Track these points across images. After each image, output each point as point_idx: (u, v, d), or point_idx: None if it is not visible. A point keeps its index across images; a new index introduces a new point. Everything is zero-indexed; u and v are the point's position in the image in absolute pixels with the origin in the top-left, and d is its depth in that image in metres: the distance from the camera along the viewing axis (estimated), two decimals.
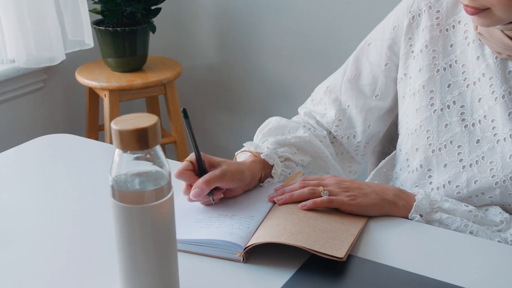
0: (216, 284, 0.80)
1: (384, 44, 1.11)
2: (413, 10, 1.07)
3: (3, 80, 2.07)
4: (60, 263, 0.86)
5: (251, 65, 2.38)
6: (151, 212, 0.68)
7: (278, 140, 1.07)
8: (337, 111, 1.15)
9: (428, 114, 1.04)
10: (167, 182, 0.70)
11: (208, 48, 2.46)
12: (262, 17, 2.28)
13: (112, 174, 0.68)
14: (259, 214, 0.92)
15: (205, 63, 2.48)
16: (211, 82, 2.50)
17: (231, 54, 2.41)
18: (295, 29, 2.23)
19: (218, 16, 2.39)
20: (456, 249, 0.88)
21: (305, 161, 1.09)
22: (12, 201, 1.03)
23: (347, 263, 0.83)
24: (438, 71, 1.04)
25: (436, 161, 1.04)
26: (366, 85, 1.13)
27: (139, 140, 0.65)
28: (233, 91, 2.46)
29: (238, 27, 2.35)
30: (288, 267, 0.82)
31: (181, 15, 2.45)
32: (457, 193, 1.02)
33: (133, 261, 0.70)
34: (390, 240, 0.90)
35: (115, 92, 2.04)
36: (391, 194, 0.97)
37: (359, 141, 1.16)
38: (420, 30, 1.06)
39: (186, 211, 0.94)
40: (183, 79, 2.49)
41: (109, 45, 2.07)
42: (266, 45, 2.31)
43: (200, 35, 2.45)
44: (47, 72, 2.25)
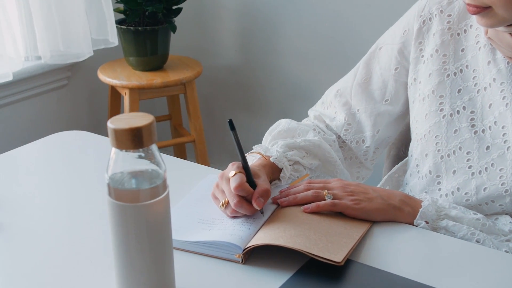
0: (212, 284, 0.80)
1: (394, 48, 1.09)
2: (424, 14, 1.05)
3: (29, 76, 2.11)
4: (61, 258, 0.87)
5: (272, 66, 2.38)
6: (145, 211, 0.68)
7: (287, 143, 1.07)
8: (346, 115, 1.14)
9: (437, 119, 1.02)
10: (163, 181, 0.70)
11: (229, 49, 2.46)
12: (284, 18, 2.27)
13: (108, 173, 0.68)
14: (261, 216, 0.92)
15: (226, 63, 2.49)
16: (231, 82, 2.51)
17: (251, 55, 2.41)
18: (316, 31, 2.22)
19: (240, 16, 2.39)
20: (461, 258, 0.87)
21: (313, 165, 1.08)
22: (20, 195, 1.05)
23: (346, 268, 0.83)
24: (448, 76, 1.02)
25: (445, 167, 1.02)
26: (376, 89, 1.12)
27: (134, 139, 0.65)
28: (253, 91, 2.46)
29: (259, 28, 2.35)
30: (286, 269, 0.82)
31: (203, 15, 2.46)
32: (466, 201, 1.00)
33: (127, 258, 0.70)
34: (393, 246, 0.89)
35: (135, 91, 2.06)
36: (397, 199, 0.95)
37: (367, 146, 1.15)
38: (431, 35, 1.05)
39: (189, 212, 0.94)
40: (204, 79, 2.50)
41: (130, 44, 2.09)
42: (286, 46, 2.31)
43: (221, 35, 2.46)
44: (71, 70, 2.29)
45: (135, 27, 2.06)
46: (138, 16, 2.05)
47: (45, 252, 0.89)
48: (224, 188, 0.92)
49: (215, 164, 2.63)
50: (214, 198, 0.95)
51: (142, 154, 0.68)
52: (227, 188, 0.91)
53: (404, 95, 1.11)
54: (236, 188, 0.89)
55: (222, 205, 0.92)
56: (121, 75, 2.10)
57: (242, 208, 0.90)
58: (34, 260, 0.87)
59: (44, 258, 0.88)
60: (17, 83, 2.10)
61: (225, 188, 0.92)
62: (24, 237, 0.93)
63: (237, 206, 0.90)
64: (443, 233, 0.93)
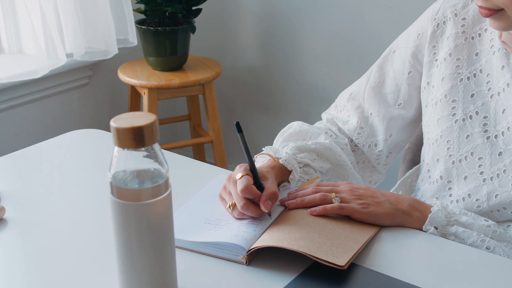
0: (215, 285, 0.80)
1: (408, 52, 1.08)
2: (438, 18, 1.04)
3: (52, 74, 2.14)
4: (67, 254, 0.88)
5: (291, 68, 2.37)
6: (147, 210, 0.69)
7: (298, 146, 1.06)
8: (359, 118, 1.14)
9: (449, 124, 1.01)
10: (165, 181, 0.70)
11: (249, 50, 2.46)
12: (304, 20, 2.27)
13: (111, 171, 0.69)
14: (267, 218, 0.92)
15: (245, 64, 2.49)
16: (251, 83, 2.51)
17: (271, 56, 2.41)
18: (336, 33, 2.21)
19: (260, 18, 2.39)
20: (470, 266, 0.85)
21: (324, 168, 1.08)
22: (33, 190, 1.07)
23: (350, 272, 0.82)
24: (461, 80, 1.01)
25: (456, 173, 1.01)
26: (389, 93, 1.11)
27: (136, 138, 0.66)
28: (272, 93, 2.46)
29: (279, 29, 2.35)
30: (289, 272, 0.82)
31: (223, 16, 2.47)
32: (477, 207, 0.98)
33: (129, 257, 0.71)
34: (400, 252, 0.88)
35: (153, 90, 2.07)
36: (406, 204, 0.94)
37: (380, 150, 1.14)
38: (444, 38, 1.03)
39: (196, 212, 0.94)
40: (224, 80, 2.51)
41: (150, 44, 2.10)
42: (306, 48, 2.30)
43: (241, 36, 2.47)
44: (92, 69, 2.31)
45: (155, 27, 2.07)
46: (158, 17, 2.07)
47: (51, 247, 0.90)
48: (231, 190, 0.92)
49: (233, 165, 2.64)
50: (221, 200, 0.95)
51: (144, 153, 0.68)
52: (234, 190, 0.91)
53: (417, 99, 1.10)
54: (242, 190, 0.89)
55: (229, 207, 0.92)
56: (140, 75, 2.12)
57: (249, 211, 0.90)
58: (39, 255, 0.88)
59: (50, 253, 0.89)
60: (40, 81, 2.14)
61: (232, 190, 0.92)
62: (31, 232, 0.94)
63: (243, 209, 0.89)
64: (453, 239, 0.92)
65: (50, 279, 0.83)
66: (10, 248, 0.91)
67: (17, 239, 0.94)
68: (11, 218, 0.97)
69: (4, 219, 0.97)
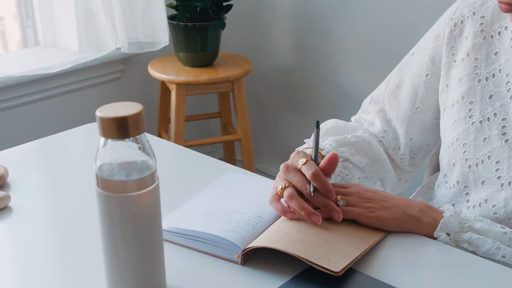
0: (206, 283, 0.78)
1: (425, 54, 1.05)
2: (455, 17, 0.99)
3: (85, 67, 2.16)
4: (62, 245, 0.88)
5: (325, 68, 2.33)
6: (131, 202, 0.67)
7: (338, 139, 1.03)
8: (382, 122, 1.11)
9: (465, 126, 0.96)
10: (152, 173, 0.68)
11: (283, 48, 2.44)
12: (338, 20, 2.22)
13: (96, 162, 0.68)
14: (270, 216, 0.89)
15: (278, 63, 2.47)
16: (283, 82, 2.48)
17: (305, 56, 2.38)
18: (371, 33, 2.16)
19: (295, 16, 2.36)
20: (483, 278, 0.80)
21: (362, 163, 1.04)
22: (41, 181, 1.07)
23: (348, 278, 0.78)
24: (479, 81, 0.96)
25: (473, 178, 0.96)
26: (407, 96, 1.07)
27: (119, 129, 0.64)
28: (304, 92, 2.42)
29: (314, 28, 2.31)
30: (284, 273, 0.79)
31: (257, 13, 2.45)
32: (494, 214, 0.93)
33: (113, 250, 0.69)
34: (405, 260, 0.83)
35: (181, 86, 2.07)
36: (416, 209, 0.90)
37: (402, 153, 1.11)
38: (463, 38, 0.99)
39: (199, 204, 0.93)
40: (256, 78, 2.48)
41: (181, 39, 2.10)
42: (340, 48, 2.26)
43: (275, 34, 2.44)
44: (124, 63, 2.33)
45: (185, 22, 2.07)
46: (189, 12, 2.06)
47: (51, 236, 0.90)
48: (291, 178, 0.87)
49: (260, 164, 2.61)
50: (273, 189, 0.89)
51: (131, 145, 0.67)
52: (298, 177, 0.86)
53: (436, 102, 1.05)
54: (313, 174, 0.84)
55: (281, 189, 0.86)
56: (170, 70, 2.12)
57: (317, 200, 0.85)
58: (38, 243, 0.88)
59: (50, 242, 0.89)
60: (72, 74, 2.17)
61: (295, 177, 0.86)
62: (33, 220, 0.94)
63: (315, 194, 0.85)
64: (466, 247, 0.86)
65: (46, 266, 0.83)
66: (12, 234, 0.91)
67: (19, 227, 0.94)
68: (15, 206, 0.98)
69: (9, 206, 0.97)
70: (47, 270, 0.83)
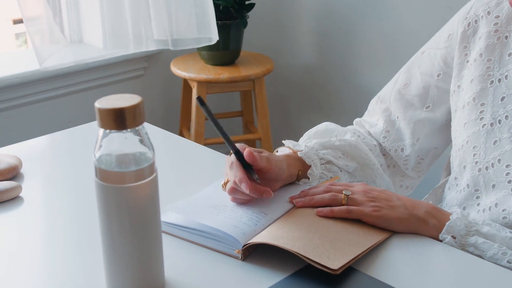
0: (204, 277, 0.78)
1: (437, 54, 1.03)
2: (469, 17, 0.97)
3: (108, 63, 2.19)
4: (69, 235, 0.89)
5: (348, 69, 2.31)
6: (128, 193, 0.68)
7: (321, 142, 1.03)
8: (385, 122, 1.09)
9: (476, 129, 0.94)
10: (150, 165, 0.69)
11: (306, 48, 2.43)
12: (362, 20, 2.20)
13: (95, 153, 0.68)
14: (273, 213, 0.88)
15: (301, 63, 2.46)
16: (306, 82, 2.47)
17: (328, 56, 2.36)
18: (394, 34, 2.14)
19: (318, 16, 2.35)
20: (487, 282, 0.78)
21: (350, 167, 1.03)
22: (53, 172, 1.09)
23: (348, 277, 0.77)
24: (492, 82, 0.94)
25: (484, 181, 0.94)
26: (416, 95, 1.05)
27: (117, 120, 0.65)
28: (327, 93, 2.41)
29: (337, 29, 2.29)
30: (282, 270, 0.78)
31: (280, 13, 2.45)
32: (503, 218, 0.91)
33: (110, 241, 0.70)
34: (408, 261, 0.82)
35: (202, 84, 2.08)
36: (422, 210, 0.88)
37: (407, 155, 1.08)
38: (476, 38, 0.96)
39: (205, 198, 0.93)
40: (278, 78, 2.48)
41: None
42: (364, 49, 2.24)
43: (298, 34, 2.43)
44: (148, 61, 2.35)
45: None
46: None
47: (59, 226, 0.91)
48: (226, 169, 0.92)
49: None
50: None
51: (129, 136, 0.67)
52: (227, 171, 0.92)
53: (447, 103, 1.03)
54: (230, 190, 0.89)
55: (223, 185, 0.92)
56: (192, 68, 2.13)
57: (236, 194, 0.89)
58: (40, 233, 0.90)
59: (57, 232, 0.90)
60: (96, 70, 2.20)
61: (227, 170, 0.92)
62: (39, 211, 0.97)
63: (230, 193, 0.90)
64: (472, 251, 0.85)
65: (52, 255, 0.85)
66: (21, 223, 0.93)
67: (29, 216, 0.95)
68: (26, 197, 0.99)
69: (20, 196, 0.99)
70: (52, 258, 0.84)
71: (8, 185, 0.98)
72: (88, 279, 0.77)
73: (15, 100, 2.05)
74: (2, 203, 0.97)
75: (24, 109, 2.08)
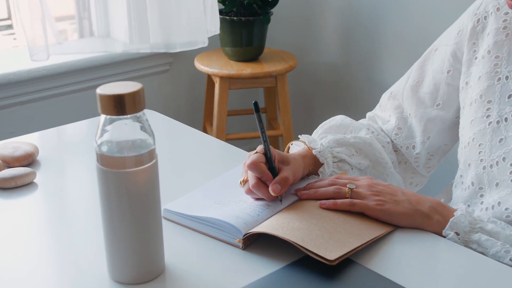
0: (204, 264, 0.79)
1: (447, 50, 1.02)
2: (479, 13, 0.96)
3: (135, 58, 2.23)
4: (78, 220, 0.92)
5: (372, 68, 2.30)
6: (127, 178, 0.69)
7: (337, 139, 1.03)
8: (397, 118, 1.09)
9: (482, 126, 0.93)
10: (149, 151, 0.70)
11: (331, 46, 2.42)
12: (387, 19, 2.19)
13: (96, 138, 0.70)
14: (277, 205, 0.89)
15: (326, 61, 2.45)
16: (330, 80, 2.47)
17: (353, 55, 2.35)
18: (419, 34, 2.11)
19: (343, 14, 2.34)
20: (489, 279, 0.78)
21: (362, 165, 1.03)
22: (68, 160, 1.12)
23: (347, 269, 0.77)
24: (499, 79, 0.93)
25: (488, 179, 0.93)
26: (427, 93, 1.05)
27: (116, 106, 0.66)
28: (352, 91, 2.40)
29: (362, 27, 2.28)
30: (280, 260, 0.79)
31: (305, 11, 2.45)
32: (506, 217, 0.90)
33: (110, 225, 0.72)
34: (409, 256, 0.82)
35: (225, 79, 2.09)
36: (427, 206, 0.88)
37: (418, 152, 1.08)
38: (485, 34, 0.95)
39: (211, 192, 0.94)
40: (303, 75, 2.48)
41: (227, 33, 2.13)
42: (389, 48, 2.22)
43: (323, 32, 2.43)
44: (173, 56, 2.38)
45: (231, 17, 2.09)
46: (235, 6, 2.08)
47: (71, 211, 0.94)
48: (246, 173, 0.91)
49: None
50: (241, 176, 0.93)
51: (129, 122, 0.69)
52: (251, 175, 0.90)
53: (457, 100, 1.02)
54: (249, 165, 0.87)
55: (241, 183, 0.91)
56: (215, 64, 2.15)
57: (259, 191, 0.88)
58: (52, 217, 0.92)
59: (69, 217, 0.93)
60: (122, 64, 2.24)
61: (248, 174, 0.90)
62: (51, 196, 0.99)
63: (254, 187, 0.88)
64: (475, 248, 0.84)
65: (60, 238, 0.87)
66: (34, 208, 0.96)
67: (41, 201, 0.98)
68: (40, 183, 1.03)
69: (34, 182, 1.02)
70: (59, 242, 0.86)
71: (23, 171, 1.01)
72: (92, 263, 0.79)
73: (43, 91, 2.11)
74: (17, 188, 1.00)
75: (52, 101, 2.13)
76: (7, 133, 2.02)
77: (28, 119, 2.08)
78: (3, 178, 0.99)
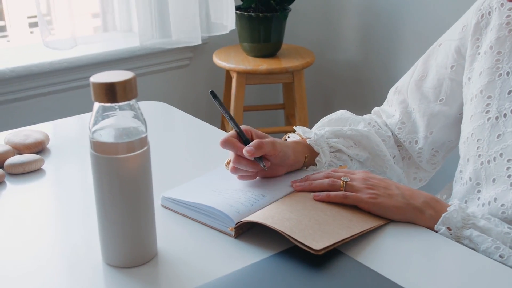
0: (195, 250, 0.81)
1: (452, 45, 1.02)
2: (483, 8, 0.96)
3: (155, 52, 2.27)
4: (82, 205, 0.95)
5: (392, 66, 2.29)
6: (118, 164, 0.72)
7: (333, 130, 1.04)
8: (401, 113, 1.10)
9: (481, 121, 0.93)
10: (141, 138, 0.73)
11: (350, 43, 2.42)
12: (406, 16, 2.18)
13: (90, 125, 0.73)
14: (272, 196, 0.91)
15: (345, 58, 2.45)
16: (349, 77, 2.47)
17: (372, 52, 2.35)
18: (438, 32, 2.09)
19: (362, 11, 2.34)
20: (479, 275, 0.78)
21: (361, 157, 1.04)
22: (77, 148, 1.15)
23: (334, 260, 0.78)
24: (500, 75, 0.92)
25: (485, 175, 0.93)
26: (431, 88, 1.05)
27: (108, 94, 0.69)
28: (371, 89, 2.40)
29: (382, 25, 2.28)
30: (269, 249, 0.81)
31: (324, 7, 2.45)
32: (502, 213, 0.90)
33: (103, 210, 0.74)
34: (400, 249, 0.82)
35: (241, 75, 2.11)
36: (420, 200, 0.88)
37: (420, 147, 1.08)
38: (488, 30, 0.95)
39: (210, 181, 0.96)
40: (322, 72, 2.48)
41: (245, 29, 2.15)
42: (409, 46, 2.21)
43: (342, 28, 2.43)
44: (193, 51, 2.41)
45: (249, 13, 2.11)
46: (254, 2, 2.10)
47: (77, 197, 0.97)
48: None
49: None
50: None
51: (121, 110, 0.71)
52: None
53: (461, 95, 1.02)
54: (221, 142, 0.91)
55: (226, 165, 0.95)
56: (233, 59, 2.17)
57: (240, 164, 0.91)
58: (57, 202, 0.96)
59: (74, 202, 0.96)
60: (142, 58, 2.28)
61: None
62: (59, 183, 1.02)
63: (235, 162, 0.91)
64: (466, 243, 0.85)
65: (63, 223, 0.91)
66: (41, 194, 1.00)
67: (48, 188, 1.02)
68: (48, 169, 1.06)
69: (42, 169, 1.06)
70: (61, 226, 0.90)
71: (31, 157, 1.05)
72: (89, 246, 0.82)
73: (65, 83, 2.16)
74: (25, 173, 1.04)
75: (73, 93, 2.18)
76: (29, 123, 2.07)
77: (50, 110, 2.14)
78: (12, 164, 1.03)
